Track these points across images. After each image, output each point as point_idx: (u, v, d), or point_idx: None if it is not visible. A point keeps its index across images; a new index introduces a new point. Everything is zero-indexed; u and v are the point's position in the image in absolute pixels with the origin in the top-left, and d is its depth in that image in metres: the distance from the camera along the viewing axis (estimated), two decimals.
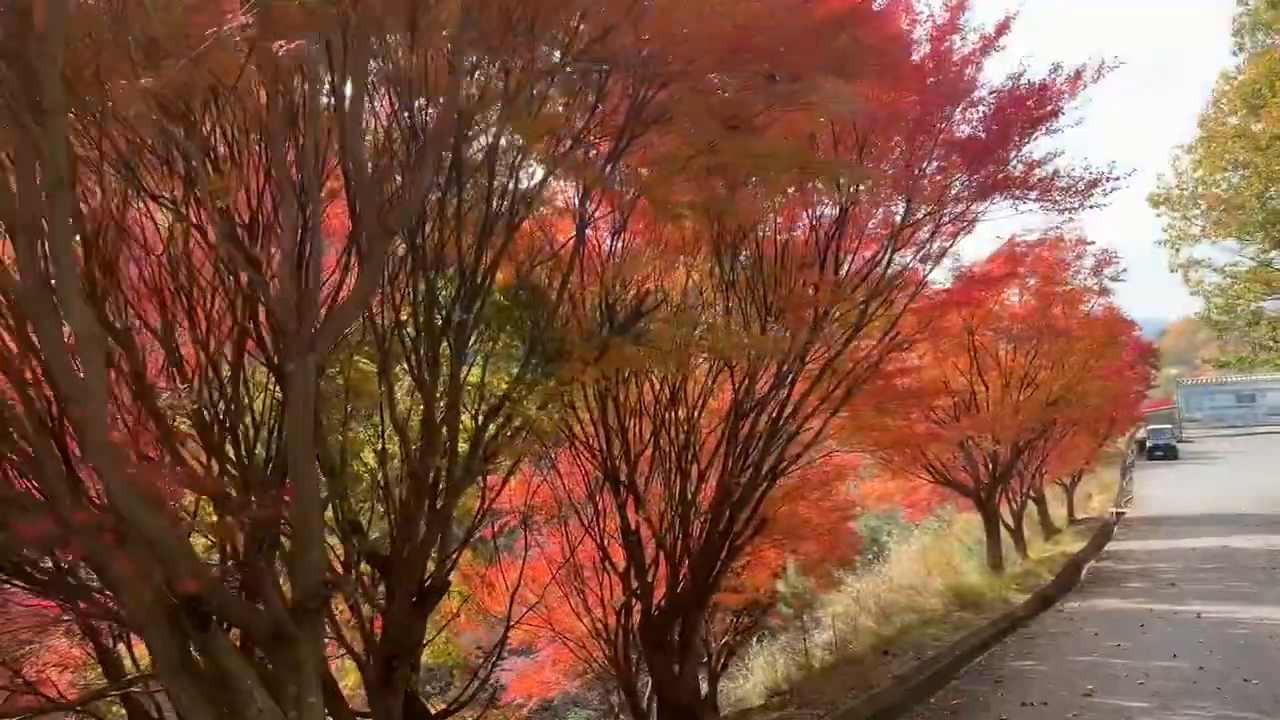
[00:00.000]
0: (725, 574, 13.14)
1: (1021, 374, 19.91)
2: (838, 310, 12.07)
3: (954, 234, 13.11)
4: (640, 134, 7.54)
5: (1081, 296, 20.46)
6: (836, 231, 11.74)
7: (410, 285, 8.01)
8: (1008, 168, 11.61)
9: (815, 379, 12.16)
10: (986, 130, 11.23)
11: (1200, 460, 50.33)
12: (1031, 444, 22.12)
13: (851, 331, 12.03)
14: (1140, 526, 29.05)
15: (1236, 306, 31.40)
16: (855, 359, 12.59)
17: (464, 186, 7.77)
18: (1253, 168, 23.35)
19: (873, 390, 14.61)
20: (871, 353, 12.91)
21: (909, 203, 11.82)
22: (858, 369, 12.69)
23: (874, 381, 14.68)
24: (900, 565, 30.42)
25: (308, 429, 5.55)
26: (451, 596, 15.90)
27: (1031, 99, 11.22)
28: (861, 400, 14.52)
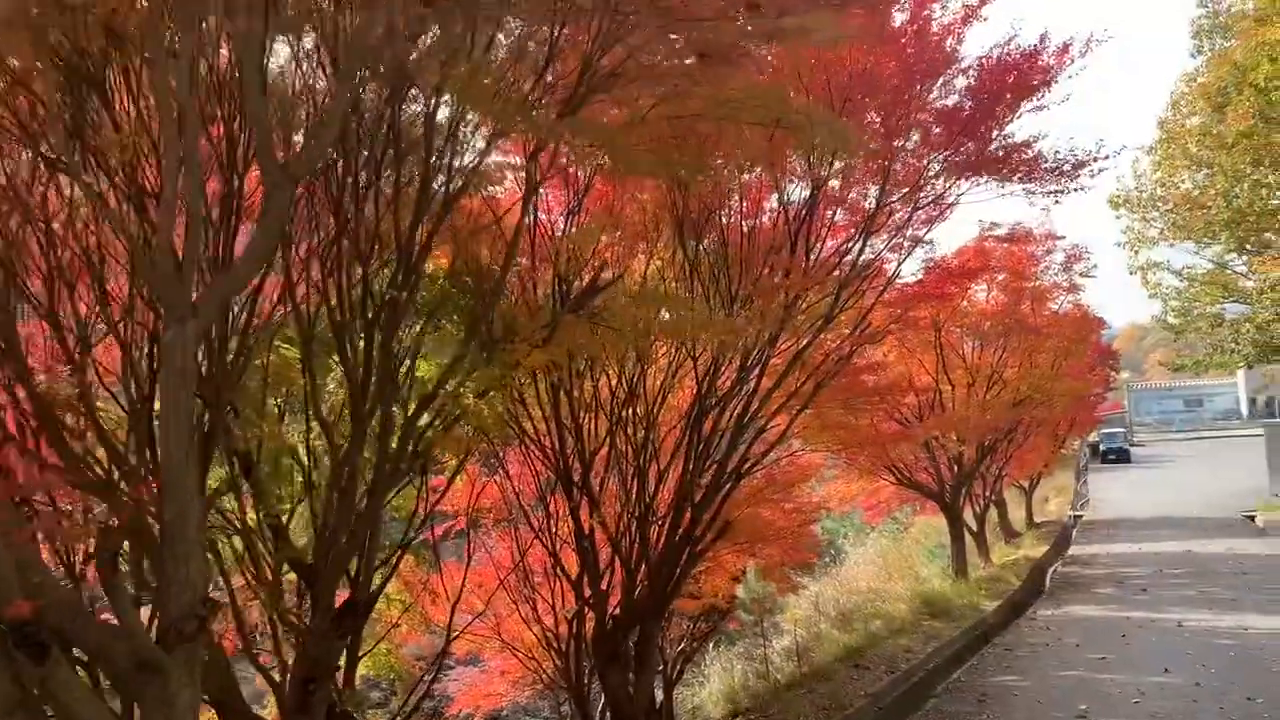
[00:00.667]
0: (685, 581, 12.19)
1: (989, 372, 19.19)
2: (806, 301, 11.18)
3: (930, 219, 12.28)
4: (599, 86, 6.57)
5: (1050, 293, 19.80)
6: (807, 214, 10.84)
7: (337, 264, 6.96)
8: (990, 145, 10.76)
9: (782, 373, 11.26)
10: (973, 100, 10.38)
11: (1151, 464, 50.39)
12: (996, 445, 21.42)
13: (821, 322, 11.14)
14: (1100, 530, 28.59)
15: (1193, 309, 31.23)
16: (825, 351, 11.71)
17: (402, 158, 6.78)
18: (1218, 166, 22.90)
19: (839, 387, 13.77)
20: (841, 345, 12.03)
21: (884, 184, 10.95)
22: (827, 362, 11.81)
23: (841, 378, 13.85)
24: (859, 568, 29.71)
25: (183, 410, 4.48)
26: (392, 605, 14.90)
27: (1020, 67, 10.38)
28: (828, 397, 13.66)
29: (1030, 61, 10.42)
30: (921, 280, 13.68)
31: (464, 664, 17.49)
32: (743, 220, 11.28)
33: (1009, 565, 22.68)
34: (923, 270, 13.65)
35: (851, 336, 11.79)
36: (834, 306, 11.07)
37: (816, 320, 11.20)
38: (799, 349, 11.12)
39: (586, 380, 11.88)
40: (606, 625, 11.68)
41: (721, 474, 11.22)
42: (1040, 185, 11.27)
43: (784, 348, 11.83)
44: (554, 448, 11.60)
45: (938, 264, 13.89)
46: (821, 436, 14.80)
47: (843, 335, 12.06)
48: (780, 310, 10.09)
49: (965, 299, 18.29)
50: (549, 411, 11.58)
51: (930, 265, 13.77)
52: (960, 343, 19.60)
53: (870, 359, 15.51)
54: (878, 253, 11.68)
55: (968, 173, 11.11)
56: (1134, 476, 44.81)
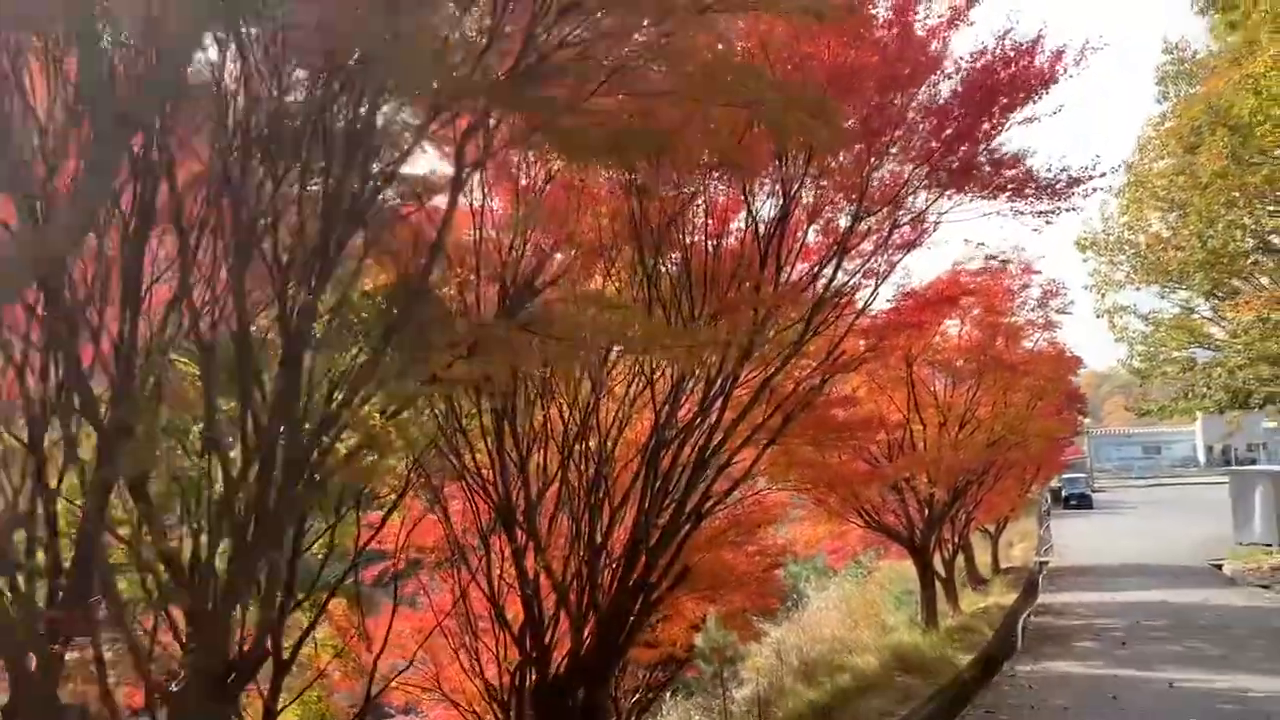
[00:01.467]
0: (639, 633, 10.95)
1: (961, 411, 18.19)
2: (776, 324, 10.09)
3: (909, 243, 11.27)
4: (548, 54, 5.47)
5: (1025, 330, 18.89)
6: (778, 229, 9.78)
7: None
8: (977, 158, 9.77)
9: (748, 404, 10.14)
10: (960, 106, 9.39)
11: (1113, 510, 49.75)
12: (968, 487, 20.37)
13: (791, 350, 10.04)
14: (1068, 577, 27.56)
15: (1159, 354, 30.65)
16: (795, 380, 10.61)
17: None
18: (1191, 208, 22.26)
19: (809, 421, 12.69)
20: (812, 374, 10.93)
21: (860, 199, 9.92)
22: (797, 393, 10.70)
23: (811, 411, 12.78)
24: (823, 614, 28.45)
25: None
26: (321, 651, 13.74)
27: (1014, 63, 9.39)
28: (797, 432, 12.59)
29: (1024, 58, 9.46)
30: (896, 308, 12.66)
31: (404, 713, 16.16)
32: (708, 239, 10.22)
33: (979, 614, 21.59)
34: (898, 297, 12.64)
35: (823, 365, 10.68)
36: (805, 331, 9.98)
37: (785, 348, 10.10)
38: (767, 377, 10.01)
39: (537, 409, 10.73)
40: (550, 681, 10.41)
41: (680, 514, 10.03)
42: (1030, 204, 10.30)
43: (750, 377, 10.73)
44: (497, 483, 10.42)
45: (911, 293, 12.88)
46: (789, 474, 13.69)
47: (813, 365, 10.96)
48: (747, 328, 8.96)
49: (938, 333, 17.33)
50: (492, 443, 10.43)
51: (905, 293, 12.76)
52: (932, 379, 18.62)
53: (841, 393, 14.47)
54: (852, 275, 10.64)
55: (951, 189, 10.12)
56: (1097, 523, 44.07)
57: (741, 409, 10.10)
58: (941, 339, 17.35)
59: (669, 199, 9.35)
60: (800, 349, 10.06)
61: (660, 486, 10.30)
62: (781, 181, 9.19)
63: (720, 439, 10.06)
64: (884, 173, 10.24)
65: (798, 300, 9.66)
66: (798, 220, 10.71)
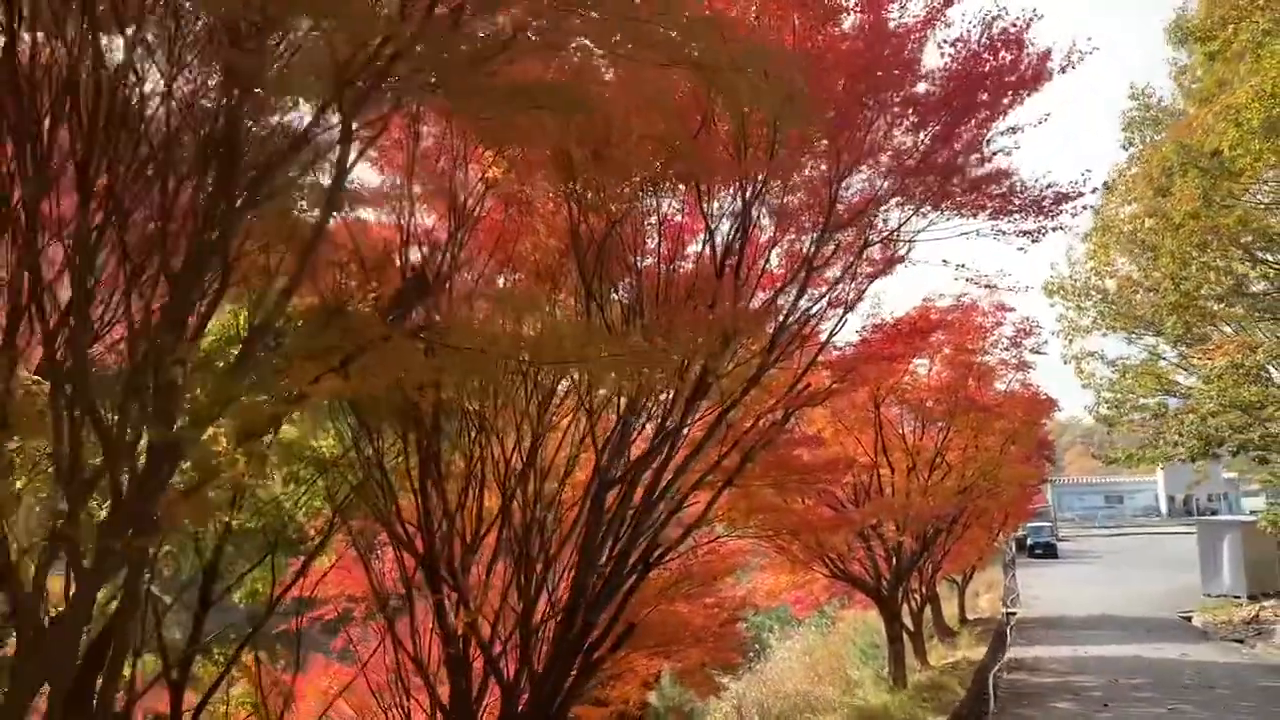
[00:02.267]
0: (575, 699, 9.62)
1: (931, 455, 17.11)
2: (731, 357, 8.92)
3: (878, 270, 10.20)
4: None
5: (997, 370, 17.88)
6: (738, 247, 8.67)
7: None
8: (958, 167, 8.73)
9: (701, 441, 8.95)
10: (941, 105, 8.36)
11: (1078, 559, 48.91)
12: (938, 535, 19.22)
13: (749, 381, 8.88)
14: (1037, 630, 26.46)
15: (1126, 401, 29.92)
16: (755, 413, 9.44)
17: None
18: (1164, 249, 21.55)
19: (770, 462, 11.52)
20: (773, 409, 9.76)
21: (829, 215, 8.84)
22: (758, 427, 9.53)
23: (773, 451, 11.62)
24: (786, 665, 27.06)
25: None
26: (238, 709, 12.53)
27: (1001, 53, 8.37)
28: (757, 474, 11.40)
29: (1013, 48, 8.43)
30: (865, 340, 11.59)
31: None
32: (661, 262, 9.11)
33: (949, 669, 20.36)
34: (866, 329, 11.57)
35: (785, 398, 9.52)
36: (766, 360, 8.84)
37: (743, 382, 8.94)
38: (724, 408, 8.83)
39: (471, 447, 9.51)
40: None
41: (624, 564, 8.79)
42: (1014, 222, 9.27)
43: (707, 413, 9.58)
44: (422, 528, 9.18)
45: (880, 325, 11.82)
46: (749, 520, 12.45)
47: (773, 400, 9.80)
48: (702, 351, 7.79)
49: (907, 373, 16.28)
50: (415, 486, 9.20)
51: (874, 325, 11.70)
52: (901, 421, 17.55)
53: (805, 433, 13.35)
54: (817, 300, 9.53)
55: (927, 205, 9.08)
56: (1062, 572, 43.15)
57: (695, 445, 8.92)
58: (911, 379, 16.31)
59: (617, 213, 8.25)
60: (759, 379, 8.91)
61: (604, 533, 9.06)
62: (740, 187, 8.08)
63: (671, 479, 8.86)
64: (853, 188, 9.20)
65: (758, 322, 8.51)
66: (760, 246, 9.66)
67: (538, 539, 9.13)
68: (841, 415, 16.31)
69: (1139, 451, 31.73)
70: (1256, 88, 14.74)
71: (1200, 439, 23.49)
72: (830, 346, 11.17)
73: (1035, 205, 9.11)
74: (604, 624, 9.47)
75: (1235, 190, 22.00)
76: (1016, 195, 9.03)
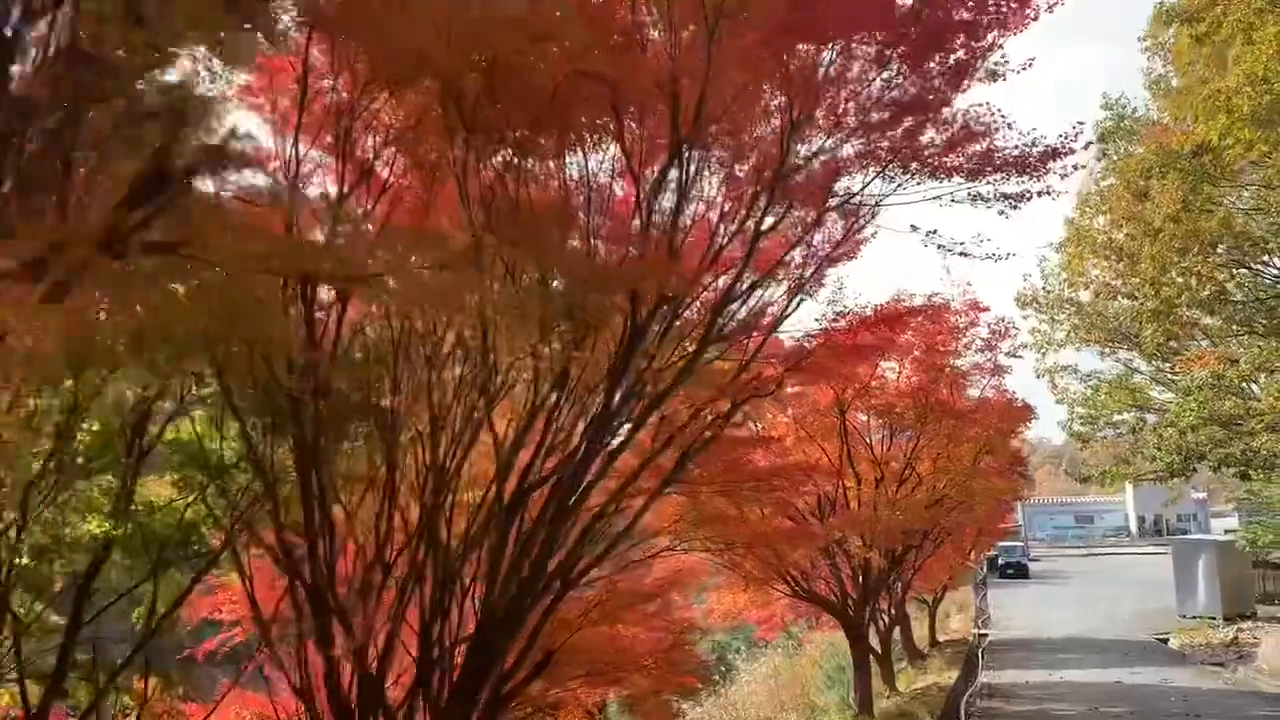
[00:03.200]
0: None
1: (900, 466, 15.73)
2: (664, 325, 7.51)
3: (841, 244, 8.82)
4: None
5: (969, 376, 16.53)
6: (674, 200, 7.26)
7: None
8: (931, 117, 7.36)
9: (629, 434, 7.51)
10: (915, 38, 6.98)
11: (1049, 580, 47.64)
12: (907, 552, 17.80)
13: (688, 358, 7.45)
14: (1011, 652, 25.06)
15: (1100, 417, 28.83)
16: (695, 401, 8.00)
17: None
18: (1144, 254, 20.39)
19: (719, 465, 10.12)
20: (717, 400, 8.32)
21: (779, 170, 7.45)
22: (699, 421, 8.09)
23: (721, 455, 10.21)
24: (751, 687, 25.55)
25: None
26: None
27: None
28: (704, 480, 9.99)
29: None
30: (827, 330, 10.19)
31: None
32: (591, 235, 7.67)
33: (918, 695, 18.91)
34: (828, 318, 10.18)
35: (731, 385, 8.09)
36: (707, 338, 7.41)
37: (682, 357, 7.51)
38: (657, 394, 7.39)
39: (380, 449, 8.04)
40: None
41: (535, 581, 7.30)
42: (996, 184, 7.90)
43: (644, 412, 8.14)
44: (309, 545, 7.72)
45: (842, 315, 10.42)
46: (697, 532, 11.00)
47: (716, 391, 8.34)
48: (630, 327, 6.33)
49: (874, 377, 14.92)
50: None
51: (837, 314, 10.31)
52: (868, 430, 16.18)
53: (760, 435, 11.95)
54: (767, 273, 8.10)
55: (895, 163, 7.70)
56: (1034, 592, 41.86)
57: (621, 443, 7.48)
58: (879, 383, 14.94)
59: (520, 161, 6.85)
60: (695, 364, 7.48)
61: (518, 547, 7.58)
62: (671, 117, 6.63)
63: (592, 480, 7.40)
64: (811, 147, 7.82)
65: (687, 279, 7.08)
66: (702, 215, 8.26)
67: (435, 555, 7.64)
68: (804, 422, 14.93)
69: (1114, 468, 30.66)
70: (1247, 72, 13.62)
71: (1180, 453, 22.30)
72: (786, 335, 9.79)
73: (1019, 163, 7.76)
74: (519, 650, 8.00)
75: (1215, 195, 21.00)
76: (997, 152, 7.68)
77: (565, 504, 7.24)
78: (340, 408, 8.26)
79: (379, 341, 8.47)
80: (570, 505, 7.29)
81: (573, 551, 7.62)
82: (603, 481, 7.63)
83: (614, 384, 7.09)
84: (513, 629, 7.53)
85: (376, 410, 8.25)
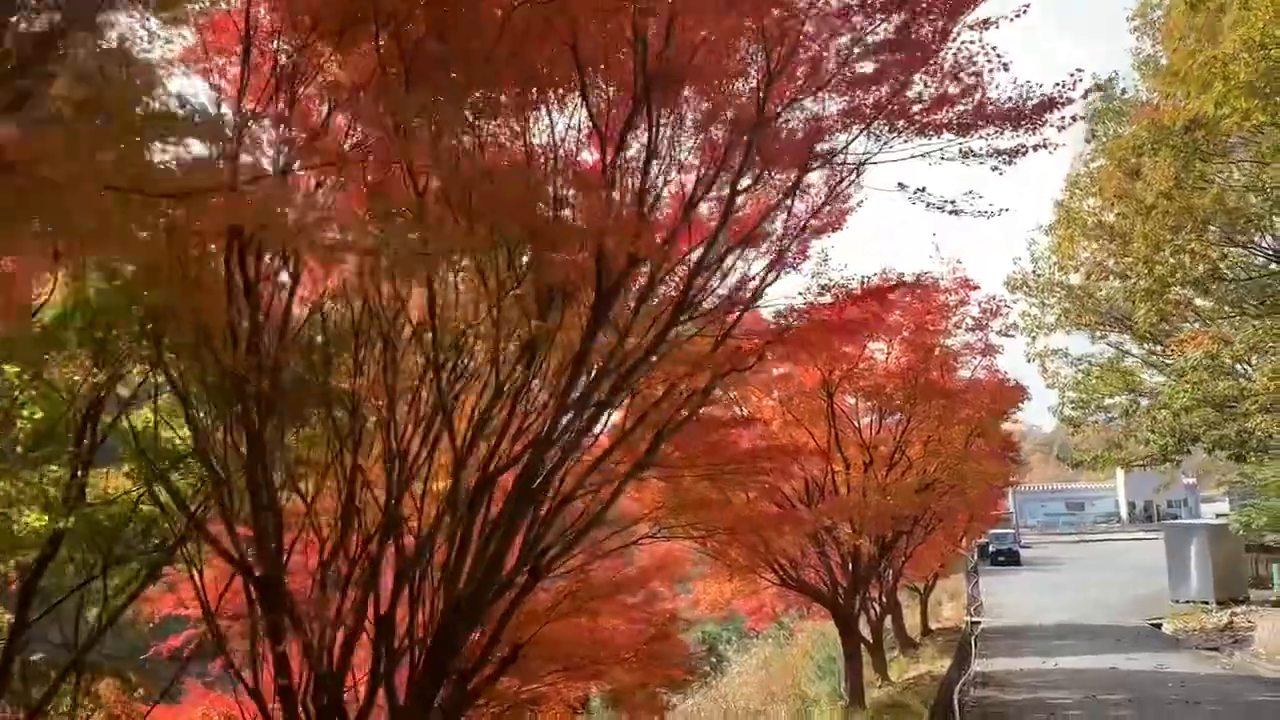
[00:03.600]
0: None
1: (890, 449, 15.21)
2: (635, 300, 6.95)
3: (825, 209, 8.28)
4: None
5: (960, 356, 15.97)
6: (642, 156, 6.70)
7: None
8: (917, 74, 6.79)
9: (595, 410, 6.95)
10: None
11: (1041, 566, 47.32)
12: (898, 539, 17.28)
13: (660, 328, 6.90)
14: (1003, 640, 24.64)
15: (1091, 401, 28.39)
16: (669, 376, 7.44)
17: None
18: (1137, 233, 19.89)
19: (700, 448, 9.60)
20: (693, 375, 7.76)
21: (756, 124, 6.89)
22: (675, 397, 7.54)
23: (703, 436, 9.69)
24: (742, 679, 25.04)
25: None
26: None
27: None
28: (685, 463, 9.46)
29: None
30: (812, 304, 9.63)
31: None
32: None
33: (910, 685, 18.42)
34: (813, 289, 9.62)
35: (710, 357, 7.53)
36: (680, 305, 6.86)
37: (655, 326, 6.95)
38: (628, 367, 6.83)
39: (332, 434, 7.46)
40: None
41: (493, 571, 6.76)
42: (988, 136, 7.34)
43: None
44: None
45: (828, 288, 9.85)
46: (678, 518, 10.46)
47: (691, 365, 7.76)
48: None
49: (863, 359, 14.39)
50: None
51: (823, 286, 9.76)
52: (856, 414, 15.65)
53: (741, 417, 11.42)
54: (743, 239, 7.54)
55: (882, 119, 7.14)
56: (1026, 579, 41.54)
57: (589, 419, 6.92)
58: (867, 365, 14.39)
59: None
60: (668, 333, 6.93)
61: (483, 535, 7.02)
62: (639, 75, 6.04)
63: (557, 462, 6.84)
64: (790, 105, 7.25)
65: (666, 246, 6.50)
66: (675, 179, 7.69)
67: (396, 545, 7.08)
68: (791, 405, 14.40)
69: (1106, 453, 30.24)
70: (1244, 38, 13.11)
71: (1174, 435, 21.85)
72: (769, 308, 9.23)
73: (1013, 116, 7.21)
74: (485, 645, 7.46)
75: (1208, 173, 20.53)
76: (989, 104, 7.12)
77: (528, 489, 6.68)
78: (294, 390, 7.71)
79: (339, 320, 7.93)
80: (533, 490, 6.73)
81: (536, 539, 7.06)
82: (571, 465, 7.08)
83: (581, 359, 6.54)
84: (473, 622, 6.98)
85: (332, 394, 7.70)
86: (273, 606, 7.05)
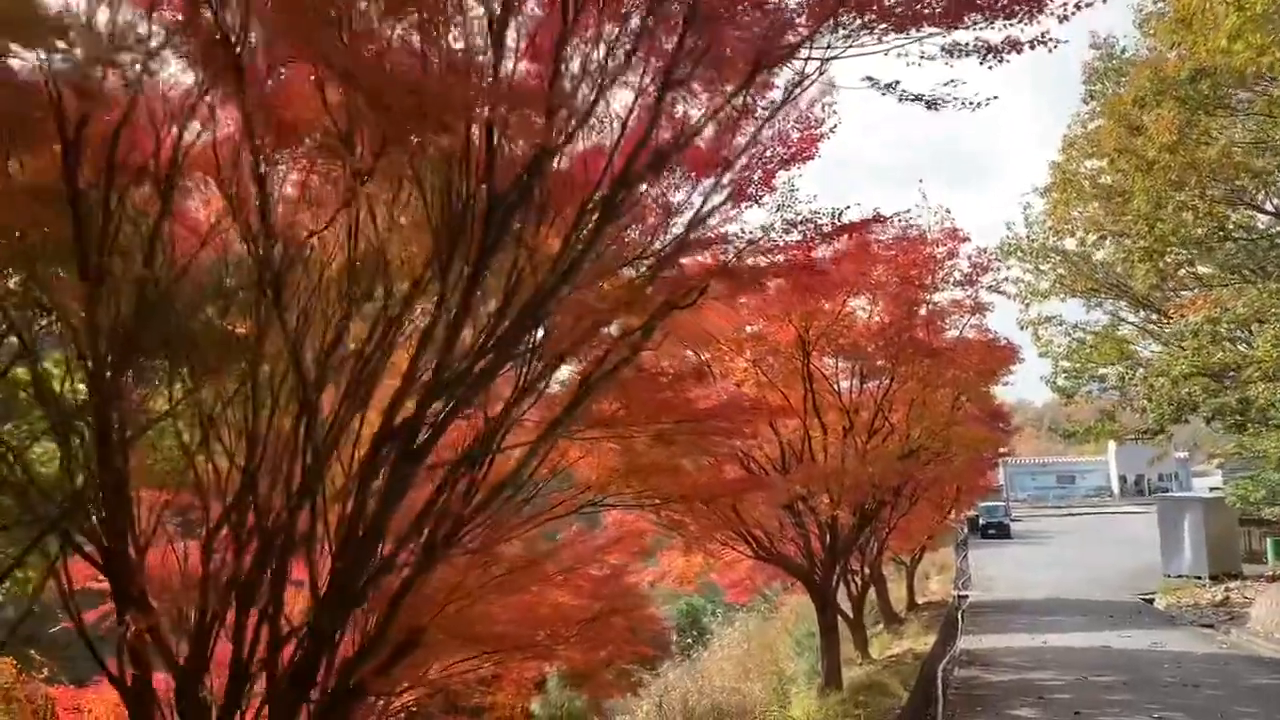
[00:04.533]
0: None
1: (871, 413, 13.96)
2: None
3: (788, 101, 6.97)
4: None
5: (947, 313, 14.68)
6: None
7: None
8: None
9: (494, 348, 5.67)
10: None
11: (1031, 540, 46.34)
12: (879, 509, 16.07)
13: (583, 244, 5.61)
14: (991, 615, 23.57)
15: (1085, 371, 27.18)
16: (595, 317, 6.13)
17: None
18: (1137, 189, 18.58)
19: (650, 405, 8.36)
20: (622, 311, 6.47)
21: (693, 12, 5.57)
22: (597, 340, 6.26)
23: (652, 390, 8.47)
24: (723, 654, 23.96)
25: None
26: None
27: None
28: (633, 421, 8.23)
29: None
30: (779, 244, 8.34)
31: None
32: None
33: (892, 663, 17.31)
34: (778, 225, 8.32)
35: (645, 290, 6.23)
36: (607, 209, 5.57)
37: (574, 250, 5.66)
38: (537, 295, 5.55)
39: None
40: None
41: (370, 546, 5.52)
42: (976, 25, 6.02)
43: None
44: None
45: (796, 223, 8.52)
46: (628, 484, 9.22)
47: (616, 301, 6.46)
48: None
49: (844, 313, 13.11)
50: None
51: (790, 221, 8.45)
52: (835, 377, 14.39)
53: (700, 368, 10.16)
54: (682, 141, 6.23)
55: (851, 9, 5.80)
56: (1016, 553, 40.54)
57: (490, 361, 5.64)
58: (846, 321, 13.09)
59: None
60: (588, 254, 5.64)
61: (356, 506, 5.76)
62: None
63: (446, 412, 5.58)
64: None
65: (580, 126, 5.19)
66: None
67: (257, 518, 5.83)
68: (764, 365, 13.13)
69: (1099, 424, 29.05)
70: None
71: (1172, 404, 20.64)
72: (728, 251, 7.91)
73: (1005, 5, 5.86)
74: (374, 631, 6.23)
75: (1212, 128, 19.22)
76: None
77: (408, 449, 5.43)
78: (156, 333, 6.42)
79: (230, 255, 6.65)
80: (414, 451, 5.47)
81: (425, 511, 5.81)
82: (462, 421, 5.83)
83: (474, 282, 5.27)
84: (345, 606, 5.75)
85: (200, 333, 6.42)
86: (117, 579, 5.83)
